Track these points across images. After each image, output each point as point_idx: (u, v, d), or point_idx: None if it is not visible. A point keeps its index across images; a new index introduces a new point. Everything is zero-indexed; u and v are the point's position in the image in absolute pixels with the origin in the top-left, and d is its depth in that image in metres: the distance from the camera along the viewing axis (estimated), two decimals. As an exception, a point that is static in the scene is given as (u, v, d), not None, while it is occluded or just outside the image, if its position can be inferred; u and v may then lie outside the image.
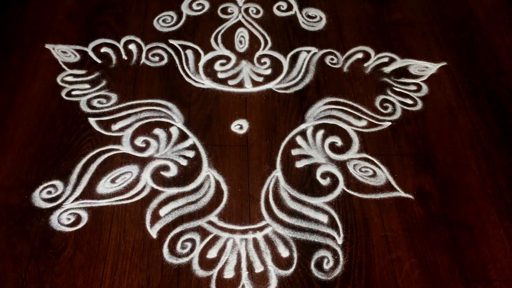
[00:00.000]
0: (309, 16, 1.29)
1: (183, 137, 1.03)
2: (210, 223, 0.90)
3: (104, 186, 0.95)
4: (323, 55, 1.19)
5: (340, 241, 0.89)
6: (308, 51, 1.20)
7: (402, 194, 0.96)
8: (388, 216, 0.93)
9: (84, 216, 0.91)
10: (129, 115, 1.06)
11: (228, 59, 1.18)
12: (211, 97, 1.10)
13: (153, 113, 1.07)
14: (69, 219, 0.90)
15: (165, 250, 0.87)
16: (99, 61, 1.16)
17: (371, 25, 1.27)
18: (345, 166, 0.99)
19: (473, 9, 1.33)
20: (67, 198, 0.92)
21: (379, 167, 0.99)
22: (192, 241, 0.88)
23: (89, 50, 1.18)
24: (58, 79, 1.12)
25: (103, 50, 1.18)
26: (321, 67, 1.17)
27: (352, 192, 0.95)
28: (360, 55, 1.19)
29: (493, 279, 0.85)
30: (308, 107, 1.09)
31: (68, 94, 1.09)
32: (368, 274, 0.85)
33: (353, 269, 0.86)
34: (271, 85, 1.13)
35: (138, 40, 1.21)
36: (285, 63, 1.17)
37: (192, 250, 0.87)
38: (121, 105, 1.08)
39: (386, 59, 1.19)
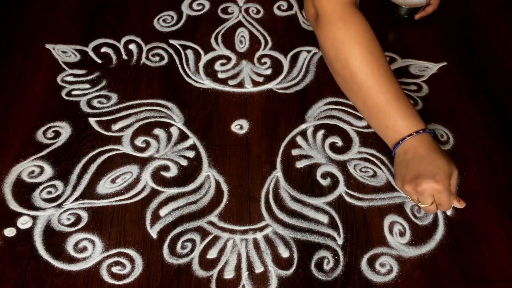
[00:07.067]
0: (309, 16, 1.29)
1: (183, 137, 1.03)
2: (210, 223, 0.90)
3: (104, 186, 0.95)
4: (323, 55, 1.19)
5: (340, 241, 0.89)
6: (309, 51, 1.20)
7: (402, 194, 0.95)
8: (388, 216, 0.92)
9: (84, 216, 0.90)
10: (129, 115, 1.06)
11: (229, 59, 1.18)
12: (211, 97, 1.10)
13: (153, 113, 1.07)
14: (69, 219, 0.90)
15: (165, 250, 0.87)
16: (99, 61, 1.16)
17: (371, 25, 1.27)
18: (346, 166, 0.99)
19: (473, 9, 1.33)
20: (67, 198, 0.92)
21: (380, 167, 0.99)
22: (192, 241, 0.88)
23: (89, 50, 1.18)
24: (58, 79, 1.12)
25: (103, 50, 1.18)
26: (321, 67, 1.17)
27: (352, 192, 0.95)
28: (360, 55, 1.19)
29: (493, 279, 0.85)
30: (309, 107, 1.09)
31: (68, 94, 1.09)
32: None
33: (353, 269, 0.86)
34: (272, 85, 1.13)
35: (138, 40, 1.21)
36: (286, 63, 1.17)
37: (192, 250, 0.87)
38: (121, 105, 1.08)
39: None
